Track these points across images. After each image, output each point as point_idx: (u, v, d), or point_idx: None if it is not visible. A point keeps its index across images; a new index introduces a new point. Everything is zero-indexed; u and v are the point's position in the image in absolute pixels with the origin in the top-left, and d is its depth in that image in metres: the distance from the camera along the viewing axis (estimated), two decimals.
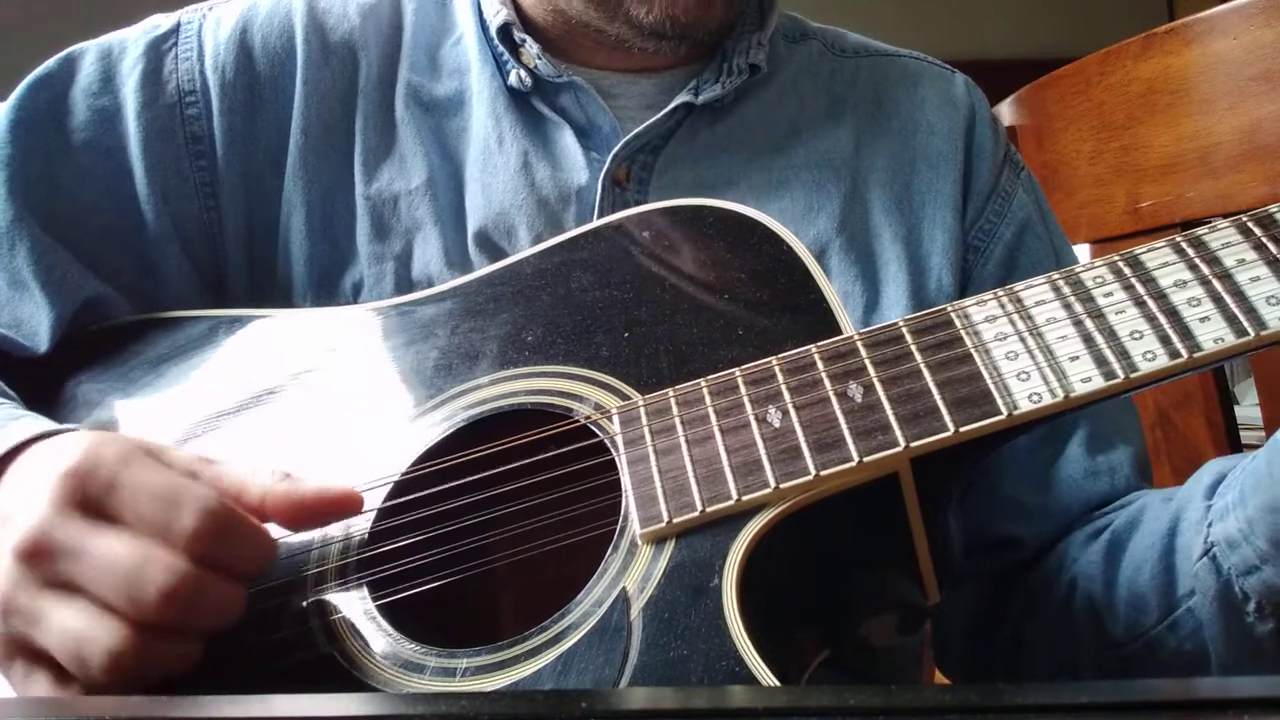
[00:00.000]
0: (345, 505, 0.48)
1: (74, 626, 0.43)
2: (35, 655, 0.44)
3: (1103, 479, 0.65)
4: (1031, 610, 0.64)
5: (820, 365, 0.48)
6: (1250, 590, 0.51)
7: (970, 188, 0.70)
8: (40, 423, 0.51)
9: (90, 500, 0.44)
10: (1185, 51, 0.99)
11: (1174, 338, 0.42)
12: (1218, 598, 0.53)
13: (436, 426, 0.55)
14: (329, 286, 0.67)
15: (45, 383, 0.62)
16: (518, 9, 0.70)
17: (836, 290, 0.65)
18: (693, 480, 0.46)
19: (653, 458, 0.47)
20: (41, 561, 0.43)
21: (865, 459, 0.43)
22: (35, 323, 0.63)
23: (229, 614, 0.45)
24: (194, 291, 0.68)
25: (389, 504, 0.52)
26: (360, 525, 0.52)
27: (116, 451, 0.45)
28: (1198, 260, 0.44)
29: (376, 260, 0.66)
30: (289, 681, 0.48)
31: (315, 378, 0.60)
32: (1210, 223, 0.45)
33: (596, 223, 0.61)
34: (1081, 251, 1.12)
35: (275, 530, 0.50)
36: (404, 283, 0.66)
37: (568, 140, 0.67)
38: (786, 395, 0.47)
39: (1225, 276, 0.43)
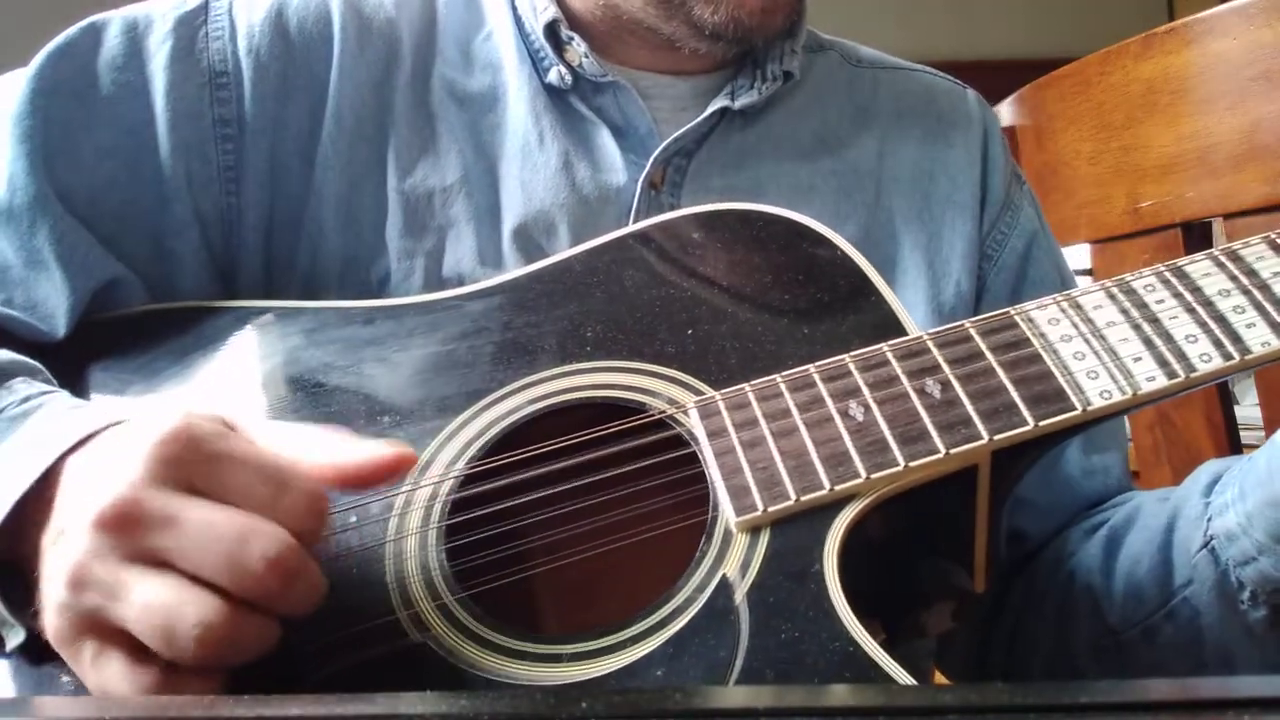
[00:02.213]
0: (403, 464, 0.50)
1: (164, 598, 0.44)
2: (110, 633, 0.45)
3: (1098, 478, 0.77)
4: (1031, 600, 0.75)
5: (894, 363, 0.56)
6: (1245, 580, 0.61)
7: (986, 198, 0.81)
8: (110, 412, 0.53)
9: (187, 472, 0.45)
10: (1185, 51, 1.07)
11: (1225, 341, 0.52)
12: (1214, 587, 0.63)
13: (500, 420, 0.60)
14: (353, 279, 0.71)
15: (61, 370, 0.65)
16: (561, 5, 0.76)
17: None
18: (783, 471, 0.54)
19: (739, 449, 0.55)
20: (127, 531, 0.44)
21: (951, 451, 0.52)
22: (53, 305, 0.66)
23: (316, 596, 0.47)
24: (207, 280, 0.72)
25: (460, 495, 0.57)
26: (434, 517, 0.57)
27: (214, 426, 0.47)
28: (1237, 272, 0.54)
29: (407, 255, 0.71)
30: (382, 673, 0.53)
31: (363, 371, 0.64)
32: (1227, 234, 0.56)
33: (644, 224, 0.68)
34: (1082, 251, 1.24)
35: (349, 517, 0.55)
36: (434, 279, 0.71)
37: (606, 140, 0.74)
38: (866, 391, 0.55)
39: (1264, 287, 0.53)
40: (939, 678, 1.07)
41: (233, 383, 0.65)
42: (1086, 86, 1.24)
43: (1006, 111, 1.29)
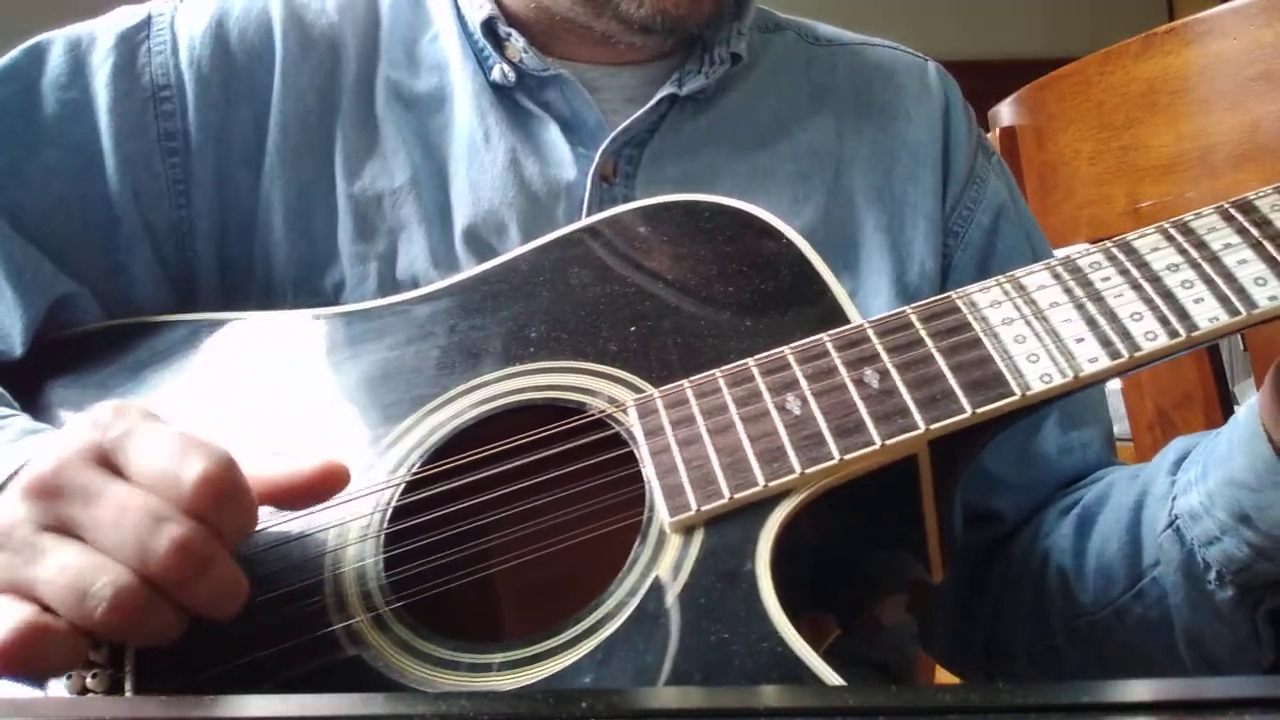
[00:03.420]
0: (331, 478, 0.52)
1: (77, 563, 0.46)
2: (18, 589, 0.47)
3: (1075, 454, 0.75)
4: (1009, 581, 0.73)
5: (834, 353, 0.55)
6: (1211, 560, 0.59)
7: (949, 174, 0.79)
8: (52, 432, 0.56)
9: (106, 449, 0.48)
10: (1185, 51, 1.05)
11: (1172, 318, 0.50)
12: (1181, 567, 0.61)
13: (444, 426, 0.60)
14: (309, 286, 0.72)
15: (20, 389, 0.66)
16: (499, 3, 0.76)
17: None
18: (718, 469, 0.52)
19: (675, 448, 0.54)
20: (49, 500, 0.47)
21: (887, 442, 0.51)
22: (8, 325, 0.67)
23: (229, 593, 0.48)
24: (162, 292, 0.73)
25: (402, 503, 0.57)
26: (375, 526, 0.57)
27: (139, 410, 0.50)
28: (1187, 245, 0.52)
29: (359, 260, 0.71)
30: (316, 686, 0.52)
31: (309, 381, 0.64)
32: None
33: (591, 219, 0.67)
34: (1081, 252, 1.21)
35: (289, 527, 0.55)
36: (388, 282, 0.71)
37: (554, 135, 0.74)
38: (803, 383, 0.54)
39: (1214, 259, 0.51)
40: (941, 675, 1.04)
41: (180, 397, 0.66)
42: (1086, 86, 1.23)
43: (1006, 111, 1.28)
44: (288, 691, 0.53)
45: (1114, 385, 1.19)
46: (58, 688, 0.53)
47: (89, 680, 0.51)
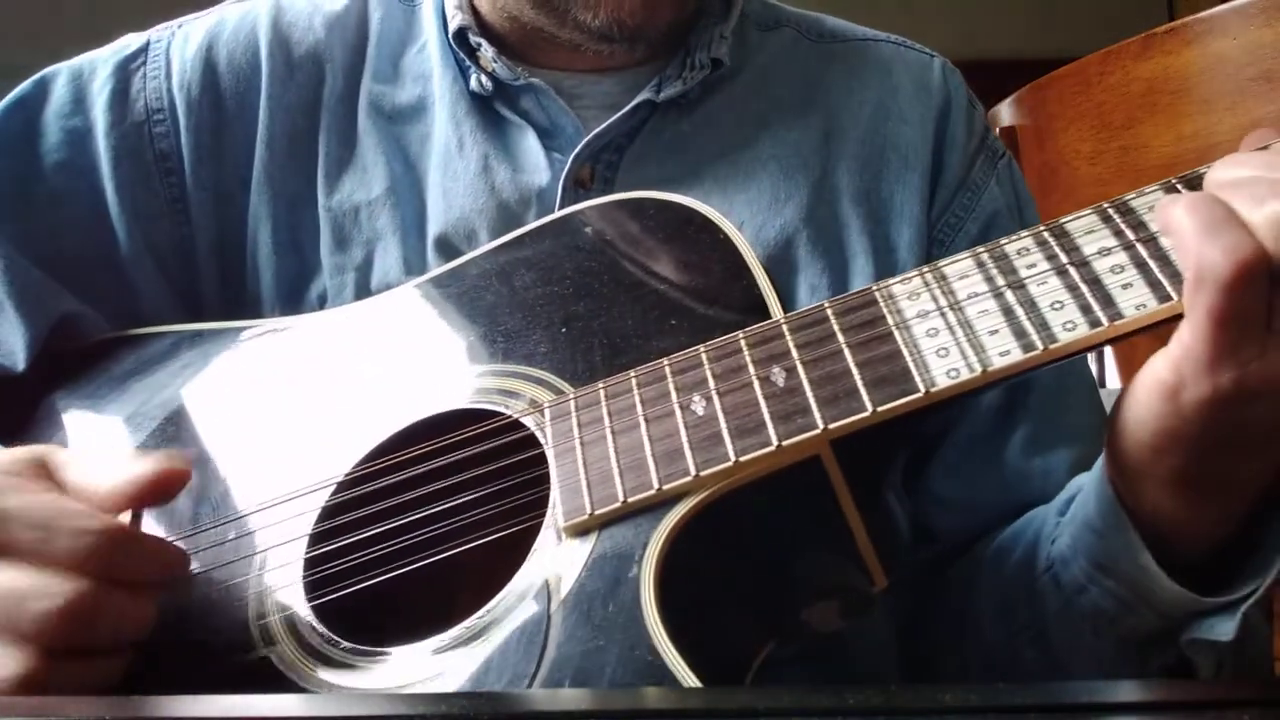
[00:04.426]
0: (171, 476, 0.48)
1: (13, 583, 0.43)
2: None
3: (1034, 483, 0.63)
4: (939, 607, 0.63)
5: (746, 351, 0.47)
6: (1084, 611, 0.50)
7: (939, 179, 0.69)
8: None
9: None
10: (1185, 51, 0.98)
11: (1095, 306, 0.41)
12: (1059, 616, 0.52)
13: (379, 429, 0.55)
14: (296, 299, 0.68)
15: (22, 402, 0.64)
16: (475, 14, 0.71)
17: (803, 282, 0.65)
18: (616, 471, 0.46)
19: (579, 450, 0.47)
20: None
21: (784, 443, 0.43)
22: (11, 343, 0.64)
23: (139, 626, 0.45)
24: (169, 308, 0.70)
25: (330, 504, 0.53)
26: (302, 527, 0.52)
27: (5, 480, 0.46)
28: (1123, 225, 0.43)
29: (338, 271, 0.67)
30: (225, 686, 0.48)
31: (263, 388, 0.61)
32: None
33: (540, 221, 0.61)
34: None
35: (220, 533, 0.51)
36: (364, 293, 0.66)
37: (530, 142, 0.68)
38: (711, 382, 0.47)
39: (1150, 240, 0.42)
40: None
41: (154, 409, 0.62)
42: (1086, 86, 1.13)
43: (1006, 111, 1.19)
44: (204, 689, 0.48)
45: (1113, 384, 1.08)
46: None
47: None
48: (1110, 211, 0.44)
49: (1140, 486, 0.45)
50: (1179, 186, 0.43)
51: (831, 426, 0.42)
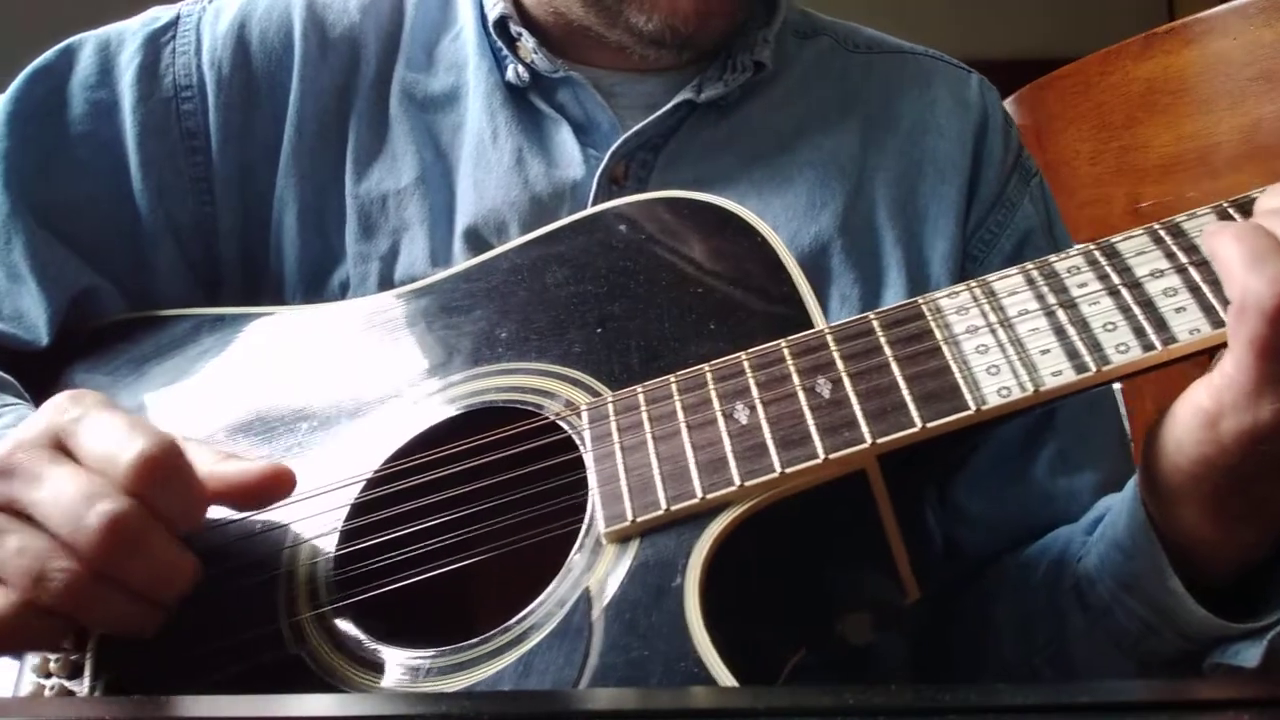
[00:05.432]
0: (276, 483, 0.48)
1: (29, 544, 0.43)
2: None
3: (1058, 503, 0.62)
4: (960, 617, 0.62)
5: (789, 360, 0.46)
6: (1108, 631, 0.49)
7: (975, 195, 0.67)
8: None
9: (60, 434, 0.45)
10: (1185, 51, 0.97)
11: (1148, 329, 0.40)
12: (1082, 634, 0.51)
13: (409, 425, 0.54)
14: (318, 285, 0.66)
15: (44, 380, 0.62)
16: (518, 4, 0.68)
17: (835, 292, 0.63)
18: (658, 478, 0.44)
19: (619, 455, 0.46)
20: (4, 479, 0.44)
21: (831, 456, 0.42)
22: (34, 317, 0.62)
23: (179, 576, 0.45)
24: (186, 289, 0.67)
25: (361, 500, 0.51)
26: (332, 523, 0.51)
27: (95, 397, 0.47)
28: (1175, 248, 0.42)
29: (362, 260, 0.65)
30: (255, 682, 0.47)
31: (289, 377, 0.59)
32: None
33: (573, 217, 0.59)
34: None
35: (249, 526, 0.50)
36: (387, 283, 0.64)
37: (564, 137, 0.65)
38: (754, 391, 0.45)
39: (1203, 264, 0.41)
40: None
41: (173, 393, 0.61)
42: (1086, 86, 1.12)
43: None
44: (234, 685, 0.47)
45: (1115, 384, 1.08)
46: (26, 667, 0.50)
47: (52, 664, 0.49)
48: (1162, 233, 0.43)
49: (1174, 510, 0.44)
50: (1230, 211, 0.42)
51: (880, 441, 0.41)
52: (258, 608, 0.49)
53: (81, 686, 0.47)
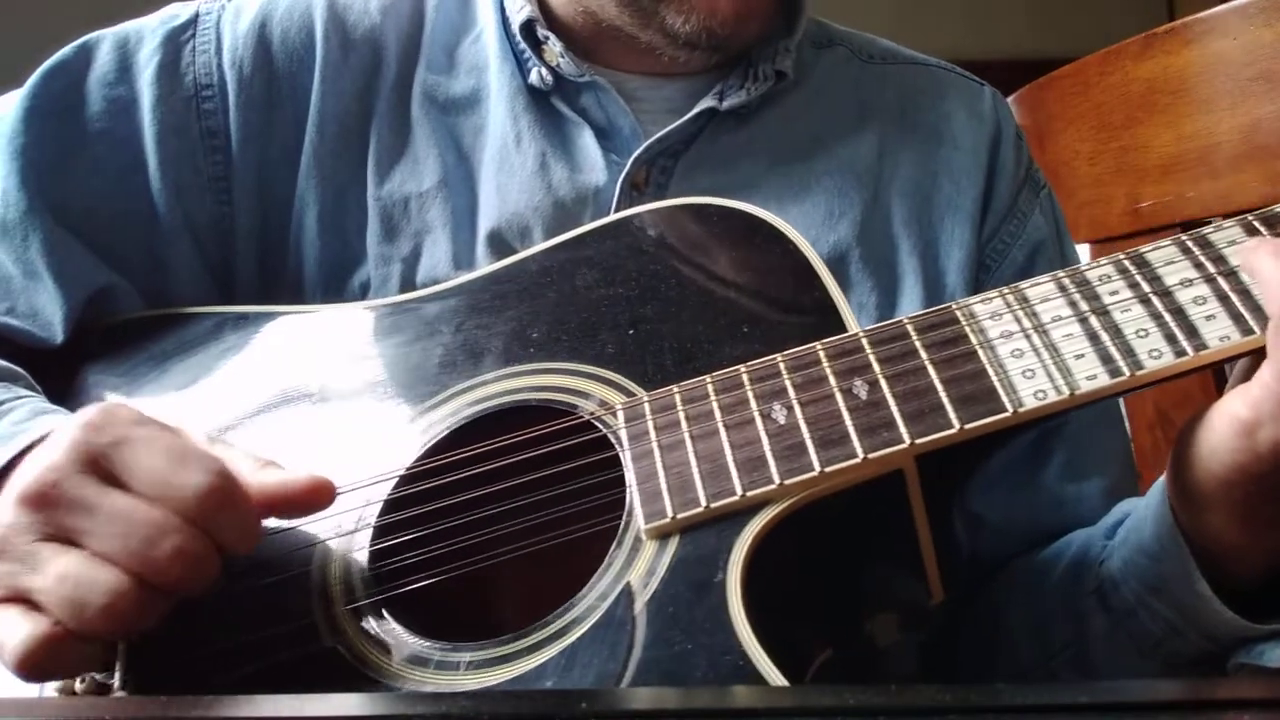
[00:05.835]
0: (317, 493, 0.48)
1: (76, 572, 0.43)
2: (19, 598, 0.44)
3: (1067, 509, 0.63)
4: (977, 622, 0.63)
5: (825, 362, 0.47)
6: (1131, 633, 0.50)
7: (989, 206, 0.68)
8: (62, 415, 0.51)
9: (100, 456, 0.44)
10: (1185, 51, 0.97)
11: (1180, 335, 0.41)
12: (1104, 636, 0.52)
13: (441, 423, 0.54)
14: (338, 286, 0.66)
15: (58, 376, 0.62)
16: (543, 7, 0.68)
17: (853, 300, 0.64)
18: (697, 476, 0.45)
19: (657, 453, 0.47)
20: (47, 509, 0.44)
21: (870, 455, 0.43)
22: (50, 314, 0.62)
23: (201, 566, 0.45)
24: (201, 288, 0.67)
25: (393, 497, 0.52)
26: (366, 519, 0.51)
27: (129, 415, 0.46)
28: (1203, 258, 0.43)
29: (384, 262, 0.65)
30: (292, 675, 0.48)
31: (318, 375, 0.59)
32: (1214, 222, 0.44)
33: (601, 221, 0.60)
34: (1082, 252, 1.11)
35: (275, 523, 0.50)
36: (408, 285, 0.64)
37: (587, 141, 0.66)
38: (791, 392, 0.46)
39: (1230, 274, 0.42)
40: None
41: (196, 391, 0.60)
42: (1086, 86, 1.13)
43: None
44: (268, 678, 0.48)
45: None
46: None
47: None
48: (1189, 244, 0.44)
49: (1204, 515, 0.45)
50: (1256, 224, 0.43)
51: (918, 442, 0.42)
52: (293, 601, 0.50)
53: (113, 681, 0.47)
